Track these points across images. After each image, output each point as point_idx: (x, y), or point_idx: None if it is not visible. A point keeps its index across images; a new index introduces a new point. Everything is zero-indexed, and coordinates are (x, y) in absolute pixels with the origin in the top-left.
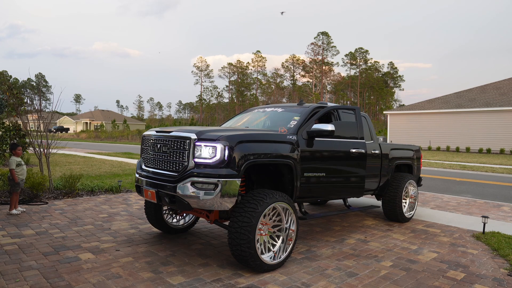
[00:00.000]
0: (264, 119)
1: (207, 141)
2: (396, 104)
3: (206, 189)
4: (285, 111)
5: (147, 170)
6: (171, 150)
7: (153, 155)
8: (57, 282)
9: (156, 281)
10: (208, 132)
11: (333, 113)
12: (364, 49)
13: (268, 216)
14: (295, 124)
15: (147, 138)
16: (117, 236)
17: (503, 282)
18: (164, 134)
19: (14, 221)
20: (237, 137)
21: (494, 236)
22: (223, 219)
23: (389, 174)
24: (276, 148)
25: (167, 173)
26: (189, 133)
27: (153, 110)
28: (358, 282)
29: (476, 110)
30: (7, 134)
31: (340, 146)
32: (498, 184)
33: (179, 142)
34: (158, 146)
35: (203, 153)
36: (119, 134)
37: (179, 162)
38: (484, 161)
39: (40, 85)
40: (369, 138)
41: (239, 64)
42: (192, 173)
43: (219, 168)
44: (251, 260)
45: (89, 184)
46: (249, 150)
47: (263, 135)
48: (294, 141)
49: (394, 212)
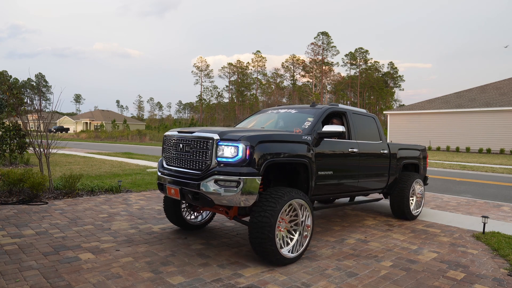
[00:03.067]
0: (277, 120)
1: (229, 141)
2: (396, 104)
3: (229, 186)
4: (298, 112)
5: (170, 168)
6: (194, 150)
7: (176, 154)
8: (57, 282)
9: (156, 281)
10: (230, 132)
11: (344, 114)
12: (364, 49)
13: (285, 212)
14: (309, 125)
15: (169, 138)
16: (117, 236)
17: (503, 282)
18: (186, 134)
19: (14, 221)
20: (257, 138)
21: (494, 236)
22: (241, 215)
23: (397, 173)
24: (293, 148)
25: (190, 171)
26: (211, 133)
27: (153, 110)
28: (358, 282)
29: (476, 110)
30: (7, 134)
31: (351, 146)
32: (498, 184)
33: (202, 142)
34: (181, 146)
35: (226, 153)
36: (119, 134)
37: (202, 161)
38: (484, 161)
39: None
40: (377, 138)
41: (239, 64)
42: (215, 171)
43: (240, 167)
44: (271, 254)
45: (89, 184)
46: (268, 150)
47: (281, 136)
48: (309, 141)
49: (402, 210)
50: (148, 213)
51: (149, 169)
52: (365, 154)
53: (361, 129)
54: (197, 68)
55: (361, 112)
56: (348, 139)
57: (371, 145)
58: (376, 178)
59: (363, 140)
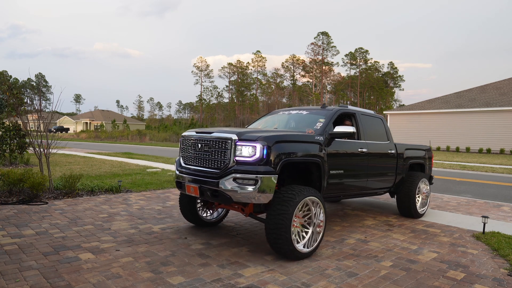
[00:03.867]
0: (289, 121)
1: (247, 141)
2: (396, 104)
3: (247, 184)
4: (310, 113)
5: (188, 167)
6: (212, 150)
7: (194, 153)
8: (57, 282)
9: (156, 281)
10: (247, 133)
11: (353, 116)
12: (364, 49)
13: (299, 209)
14: (321, 126)
15: (187, 138)
16: (117, 236)
17: (503, 282)
18: (205, 135)
19: (14, 221)
20: (274, 138)
21: (494, 236)
22: (256, 212)
23: (404, 173)
24: (307, 148)
25: (209, 170)
26: (230, 134)
27: (153, 110)
28: (358, 282)
29: (476, 110)
30: (7, 134)
31: (360, 146)
32: (498, 184)
33: (220, 142)
34: (199, 145)
35: (244, 152)
36: (119, 134)
37: (221, 160)
38: (484, 161)
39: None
40: (385, 139)
41: (239, 64)
42: (233, 170)
43: (258, 166)
44: (287, 249)
45: (89, 184)
46: (284, 150)
47: (296, 136)
48: (321, 141)
49: (409, 208)
50: (148, 213)
51: (149, 169)
52: (374, 154)
53: (370, 130)
54: (197, 68)
55: (369, 113)
56: (358, 140)
57: (379, 145)
58: (384, 177)
59: (371, 140)
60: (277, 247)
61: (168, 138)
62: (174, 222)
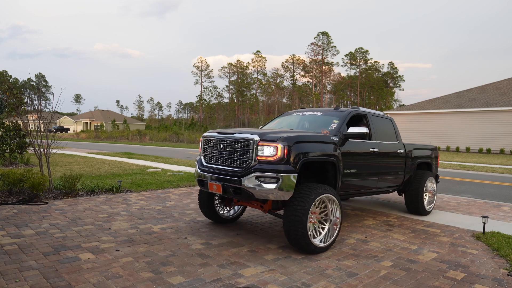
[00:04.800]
0: (303, 122)
1: (268, 141)
2: (396, 104)
3: (268, 182)
4: (324, 115)
5: (210, 166)
6: (234, 149)
7: (216, 153)
8: (57, 282)
9: (156, 281)
10: (269, 134)
11: (365, 117)
12: (364, 49)
13: (315, 206)
14: (335, 127)
15: (208, 138)
16: (117, 236)
17: (503, 282)
18: (227, 135)
19: (14, 221)
20: (294, 138)
21: (494, 236)
22: (274, 209)
23: (412, 172)
24: (323, 148)
25: (232, 169)
26: (252, 135)
27: (153, 110)
28: (358, 282)
29: (476, 110)
30: (7, 134)
31: (372, 146)
32: (498, 184)
33: (243, 143)
34: (221, 146)
35: (265, 152)
36: (119, 134)
37: (243, 160)
38: (484, 161)
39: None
40: (394, 139)
41: (239, 64)
42: (256, 168)
43: (279, 165)
44: (305, 244)
45: (89, 184)
46: (303, 150)
47: (314, 137)
48: (336, 141)
49: (417, 206)
50: (148, 213)
51: (149, 169)
52: (385, 154)
53: (380, 130)
54: (197, 68)
55: (379, 114)
56: (369, 140)
57: (389, 145)
58: (393, 176)
59: (382, 140)
60: (294, 242)
61: (168, 138)
62: (174, 222)
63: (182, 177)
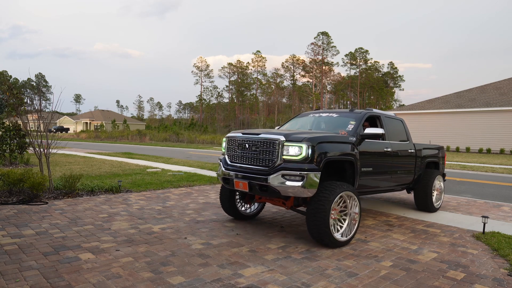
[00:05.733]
0: (320, 123)
1: (293, 142)
2: (396, 104)
3: (294, 180)
4: (340, 116)
5: (235, 165)
6: (260, 149)
7: (241, 153)
8: (57, 282)
9: (156, 281)
10: (293, 134)
11: (378, 118)
12: (364, 49)
13: (336, 202)
14: (352, 128)
15: (233, 139)
16: (117, 236)
17: (503, 282)
18: (252, 136)
19: (14, 221)
20: (317, 139)
21: (494, 236)
22: (296, 206)
23: (421, 170)
24: (343, 148)
25: (258, 167)
26: (277, 135)
27: (153, 110)
28: (358, 282)
29: (476, 110)
30: (7, 134)
31: (386, 146)
32: (498, 184)
33: (269, 143)
34: (247, 146)
35: (291, 152)
36: (119, 134)
37: (269, 159)
38: (484, 161)
39: (40, 85)
40: (405, 139)
41: (239, 64)
42: (281, 167)
43: (303, 164)
44: (327, 238)
45: (89, 184)
46: (325, 149)
47: (334, 137)
48: (354, 141)
49: (426, 203)
50: (148, 213)
51: (149, 169)
52: (397, 153)
53: (392, 131)
54: (197, 68)
55: (390, 115)
56: (383, 140)
57: (401, 145)
58: (405, 174)
59: (394, 140)
60: (317, 236)
61: (168, 138)
62: (174, 222)
63: (182, 177)
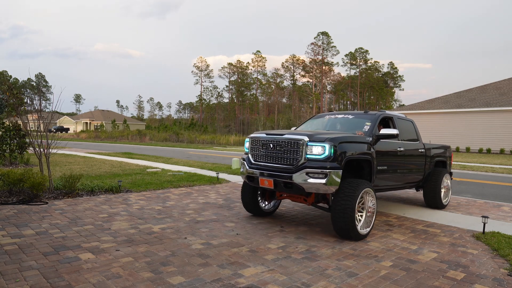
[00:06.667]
0: (336, 124)
1: (317, 142)
2: (396, 104)
3: (317, 177)
4: (355, 118)
5: (259, 164)
6: (284, 149)
7: (265, 152)
8: (57, 282)
9: (156, 281)
10: (316, 135)
11: (391, 119)
12: (364, 49)
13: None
14: (368, 128)
15: (257, 139)
16: (117, 236)
17: (503, 282)
18: (276, 136)
19: (14, 221)
20: (339, 139)
21: (494, 236)
22: (316, 202)
23: (431, 169)
24: (361, 147)
25: (282, 166)
26: (301, 136)
27: (153, 110)
28: (358, 282)
29: (476, 110)
30: (7, 134)
31: (398, 146)
32: (498, 184)
33: (293, 143)
34: (271, 145)
35: (314, 151)
36: (119, 134)
37: (293, 158)
38: (484, 161)
39: (40, 85)
40: (416, 139)
41: (239, 64)
42: (305, 166)
43: (326, 162)
44: (352, 231)
45: (89, 184)
46: (346, 149)
47: (354, 137)
48: (370, 141)
49: (435, 200)
50: (148, 213)
51: (149, 169)
52: (409, 153)
53: (404, 131)
54: (197, 68)
55: (402, 116)
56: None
57: (412, 144)
58: (416, 172)
59: (406, 140)
60: (342, 230)
61: (168, 138)
62: (174, 222)
63: (182, 177)
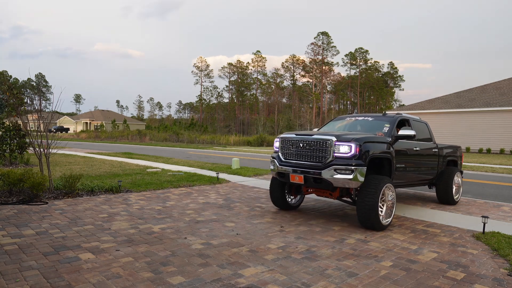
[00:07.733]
0: (356, 125)
1: (343, 141)
2: (396, 104)
3: (345, 173)
4: (375, 120)
5: (290, 161)
6: (314, 148)
7: (295, 151)
8: (57, 282)
9: (156, 281)
10: (343, 135)
11: (407, 121)
12: (364, 49)
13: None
14: (388, 130)
15: (287, 139)
16: (117, 236)
17: (503, 282)
18: (306, 137)
19: (14, 221)
20: (363, 139)
21: (494, 236)
22: (341, 196)
23: (443, 167)
24: (382, 147)
25: (312, 163)
26: (329, 136)
27: (153, 110)
28: (358, 282)
29: (476, 110)
30: (7, 134)
31: (415, 146)
32: (498, 184)
33: (322, 143)
34: (301, 145)
35: (341, 150)
36: (119, 134)
37: (322, 156)
38: (484, 161)
39: (40, 85)
40: (430, 139)
41: (239, 64)
42: (333, 163)
43: (352, 160)
44: (376, 222)
45: (89, 184)
46: (369, 148)
47: (375, 138)
48: (390, 141)
49: (447, 196)
50: (148, 213)
51: (149, 169)
52: (424, 152)
53: (419, 132)
54: (197, 68)
55: (416, 119)
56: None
57: (427, 145)
58: (430, 171)
59: (421, 141)
60: (367, 221)
61: (168, 138)
62: (174, 222)
63: (182, 177)
